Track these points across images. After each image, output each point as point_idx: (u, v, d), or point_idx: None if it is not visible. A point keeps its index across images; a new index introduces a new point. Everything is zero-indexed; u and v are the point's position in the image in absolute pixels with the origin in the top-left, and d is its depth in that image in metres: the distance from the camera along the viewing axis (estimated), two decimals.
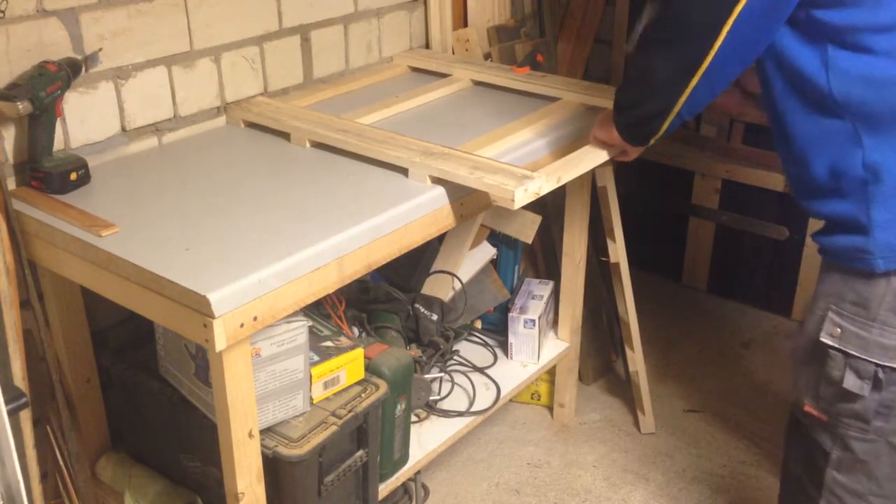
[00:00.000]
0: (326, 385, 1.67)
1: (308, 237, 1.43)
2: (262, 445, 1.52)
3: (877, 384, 1.48)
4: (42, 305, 1.65)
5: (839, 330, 1.49)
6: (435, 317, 2.18)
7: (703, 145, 2.93)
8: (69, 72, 1.57)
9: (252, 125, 1.91)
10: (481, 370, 2.27)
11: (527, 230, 2.35)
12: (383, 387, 1.73)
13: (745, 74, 1.52)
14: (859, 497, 1.58)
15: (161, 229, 1.47)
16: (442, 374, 2.19)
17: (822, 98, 1.40)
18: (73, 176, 1.59)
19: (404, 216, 1.55)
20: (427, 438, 2.02)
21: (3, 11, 1.53)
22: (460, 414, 2.11)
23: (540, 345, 2.30)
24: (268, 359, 1.54)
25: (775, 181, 2.74)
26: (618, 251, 2.34)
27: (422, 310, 2.17)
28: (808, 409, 1.57)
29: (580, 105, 1.98)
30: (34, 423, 1.59)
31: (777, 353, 2.80)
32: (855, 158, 1.41)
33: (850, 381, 1.49)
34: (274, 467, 1.55)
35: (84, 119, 1.71)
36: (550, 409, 2.54)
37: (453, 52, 2.40)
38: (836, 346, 1.50)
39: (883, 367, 1.47)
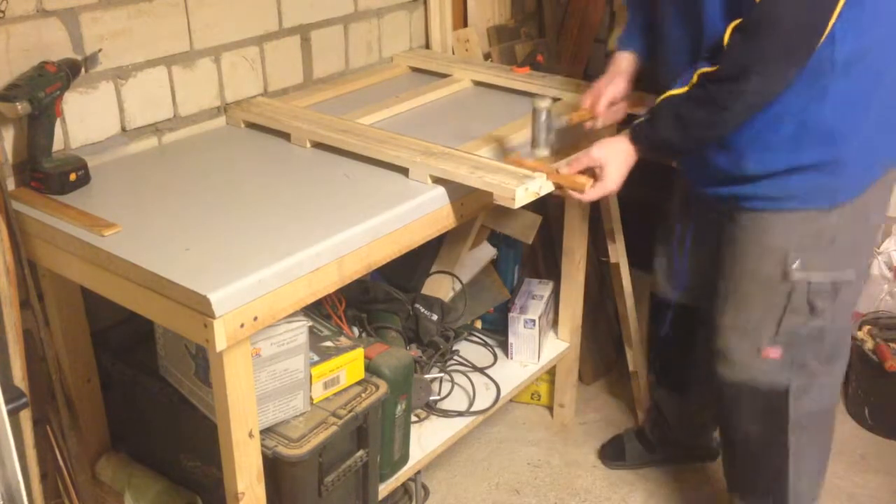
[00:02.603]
0: (326, 385, 1.67)
1: (308, 237, 1.43)
2: (262, 445, 1.52)
3: (833, 296, 1.69)
4: (42, 305, 1.65)
5: (800, 263, 1.66)
6: (435, 317, 2.18)
7: None
8: (69, 72, 1.57)
9: (252, 125, 1.91)
10: (481, 370, 2.26)
11: (527, 230, 2.35)
12: (383, 387, 1.73)
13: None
14: (825, 412, 1.82)
15: (161, 229, 1.47)
16: (442, 374, 2.19)
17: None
18: (73, 176, 1.59)
19: (404, 216, 1.55)
20: (427, 438, 2.02)
21: (3, 11, 1.53)
22: (460, 414, 2.10)
23: (540, 345, 2.30)
24: (268, 359, 1.53)
25: None
26: (618, 251, 2.34)
27: (422, 310, 2.17)
28: (766, 353, 1.73)
29: None
30: (34, 423, 1.59)
31: None
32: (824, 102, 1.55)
33: (819, 306, 1.69)
34: (274, 467, 1.55)
35: (84, 119, 1.71)
36: (550, 409, 2.54)
37: (453, 52, 2.40)
38: (800, 276, 1.67)
39: (837, 282, 1.68)
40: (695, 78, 1.56)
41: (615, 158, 1.63)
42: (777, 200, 1.66)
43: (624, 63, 1.82)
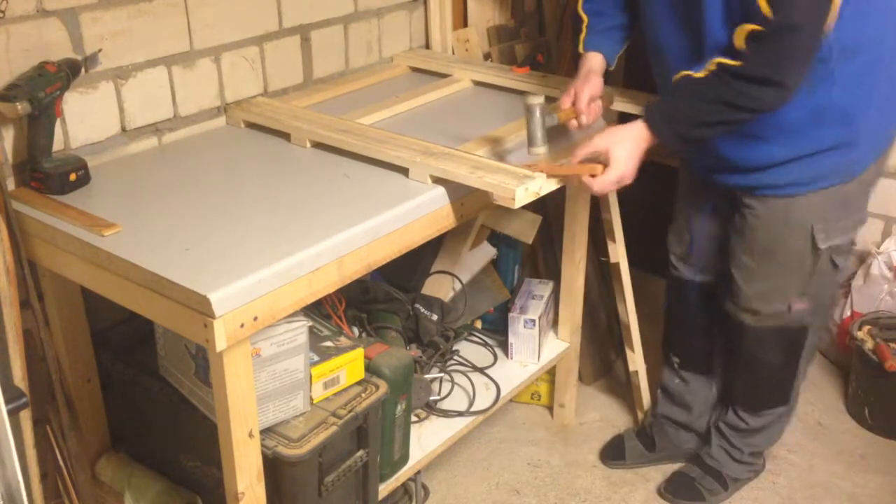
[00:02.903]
0: (326, 385, 1.67)
1: (308, 237, 1.43)
2: (262, 445, 1.52)
3: (850, 248, 1.89)
4: (42, 305, 1.65)
5: (825, 234, 1.81)
6: (435, 317, 2.18)
7: None
8: (69, 72, 1.57)
9: (252, 125, 1.91)
10: (481, 370, 2.26)
11: (527, 230, 2.35)
12: (383, 387, 1.73)
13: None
14: (820, 334, 2.13)
15: (161, 229, 1.47)
16: (442, 374, 2.19)
17: None
18: (73, 176, 1.59)
19: (404, 216, 1.55)
20: (427, 438, 2.02)
21: (3, 11, 1.53)
22: (460, 414, 2.10)
23: (540, 345, 2.30)
24: (268, 359, 1.54)
25: None
26: (618, 251, 2.34)
27: (422, 310, 2.17)
28: (795, 307, 1.92)
29: None
30: (34, 423, 1.58)
31: None
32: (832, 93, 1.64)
33: (840, 263, 1.87)
34: (274, 467, 1.55)
35: (84, 119, 1.71)
36: (550, 409, 2.54)
37: (453, 52, 2.40)
38: (825, 245, 1.82)
39: (852, 236, 1.86)
40: (712, 66, 1.58)
41: (621, 143, 1.63)
42: (801, 185, 1.75)
43: (595, 62, 1.86)
